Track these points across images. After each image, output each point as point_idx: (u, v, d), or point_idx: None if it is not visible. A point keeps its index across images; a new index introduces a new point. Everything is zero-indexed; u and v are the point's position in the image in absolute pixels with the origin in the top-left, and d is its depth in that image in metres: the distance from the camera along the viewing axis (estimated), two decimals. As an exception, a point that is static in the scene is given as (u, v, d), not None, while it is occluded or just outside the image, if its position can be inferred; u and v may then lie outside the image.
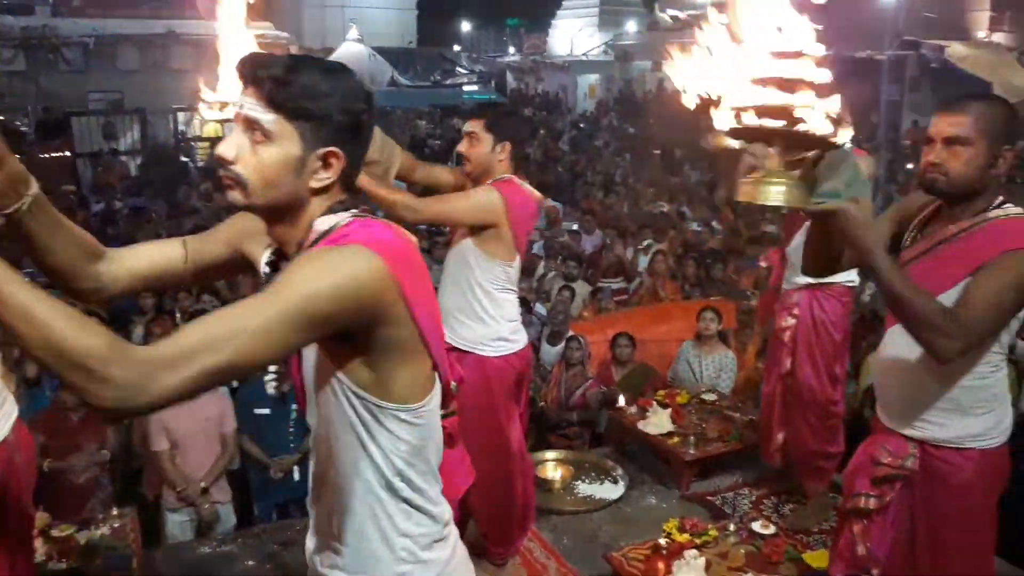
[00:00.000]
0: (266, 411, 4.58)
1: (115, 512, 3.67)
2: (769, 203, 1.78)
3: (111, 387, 1.09)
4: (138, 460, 4.64)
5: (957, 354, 1.99)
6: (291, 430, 4.60)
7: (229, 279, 6.10)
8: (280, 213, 1.39)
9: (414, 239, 1.45)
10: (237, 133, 1.35)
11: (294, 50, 18.57)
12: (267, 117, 1.31)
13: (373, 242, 1.30)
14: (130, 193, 11.52)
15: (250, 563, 3.77)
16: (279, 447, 4.56)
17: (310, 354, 1.43)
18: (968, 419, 2.15)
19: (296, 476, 4.56)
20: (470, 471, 1.93)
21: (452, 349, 2.96)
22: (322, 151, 1.34)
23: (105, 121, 15.30)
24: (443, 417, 1.56)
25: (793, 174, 1.75)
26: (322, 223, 1.38)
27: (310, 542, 1.57)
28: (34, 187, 1.39)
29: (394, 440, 1.40)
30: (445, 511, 1.52)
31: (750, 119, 1.67)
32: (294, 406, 4.61)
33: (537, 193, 3.13)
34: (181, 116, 16.26)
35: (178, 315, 5.88)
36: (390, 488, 1.43)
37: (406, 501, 1.44)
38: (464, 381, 1.65)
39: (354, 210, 1.42)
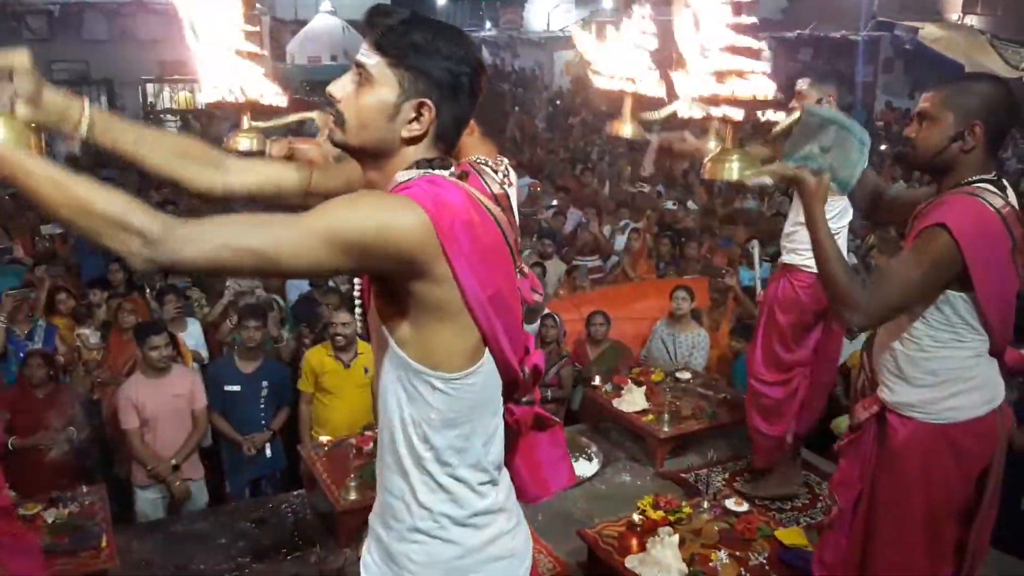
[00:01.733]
0: (236, 388, 4.52)
1: (84, 490, 3.61)
2: (727, 178, 1.93)
3: (138, 239, 1.17)
4: (109, 437, 4.58)
5: (860, 325, 2.17)
6: (262, 407, 4.55)
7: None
8: (370, 156, 1.44)
9: (495, 210, 1.45)
10: (349, 75, 1.42)
11: (266, 21, 18.22)
12: (371, 60, 1.38)
13: (431, 200, 1.31)
14: (99, 165, 11.28)
15: (222, 541, 3.75)
16: (250, 424, 4.52)
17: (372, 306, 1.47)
18: (908, 388, 2.24)
19: (268, 453, 4.52)
20: (570, 473, 1.83)
21: None
22: (416, 101, 1.38)
23: (71, 91, 14.92)
24: (520, 403, 1.56)
25: (745, 151, 1.89)
26: (403, 175, 1.41)
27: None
28: (85, 110, 1.48)
29: (425, 406, 1.41)
30: (484, 499, 1.48)
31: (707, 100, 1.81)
32: (265, 383, 4.56)
33: (496, 188, 2.97)
34: (150, 87, 15.93)
35: (148, 291, 5.80)
36: (415, 455, 1.44)
37: (430, 475, 1.44)
38: (540, 372, 1.60)
39: (445, 169, 1.42)
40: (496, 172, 2.95)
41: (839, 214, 3.48)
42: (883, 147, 12.69)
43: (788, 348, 3.69)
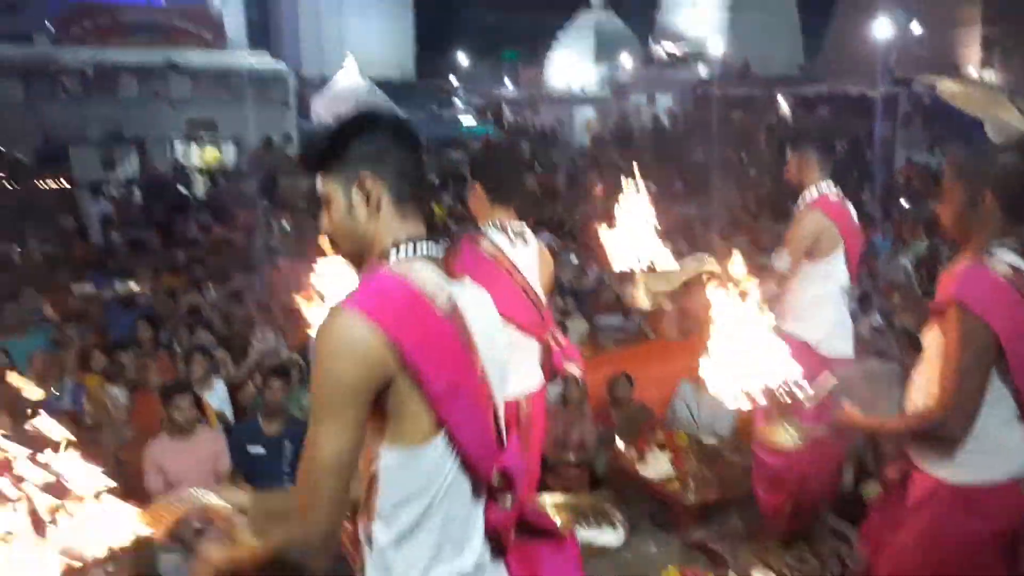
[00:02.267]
0: (261, 450, 4.53)
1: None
2: (784, 444, 2.36)
3: (303, 544, 1.46)
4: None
5: (960, 432, 2.17)
6: (286, 470, 4.54)
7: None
8: (362, 254, 1.57)
9: (436, 290, 1.48)
10: (323, 212, 1.59)
11: (291, 81, 18.70)
12: (320, 184, 1.57)
13: (369, 301, 1.42)
14: (129, 224, 11.50)
15: (244, 608, 3.71)
16: (275, 487, 4.50)
17: None
18: (930, 446, 2.26)
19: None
20: None
21: None
22: (355, 182, 1.52)
23: (104, 151, 15.32)
24: (502, 508, 1.57)
25: (792, 419, 2.34)
26: (371, 267, 1.54)
27: None
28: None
29: (384, 482, 1.48)
30: None
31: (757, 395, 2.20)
32: (289, 444, 4.56)
33: (489, 248, 2.89)
34: (179, 146, 16.33)
35: (176, 348, 5.86)
36: (371, 531, 1.50)
37: (381, 553, 1.49)
38: (511, 477, 1.60)
39: (417, 249, 1.54)
40: (509, 233, 2.94)
41: (823, 277, 3.44)
42: (904, 203, 12.67)
43: None
